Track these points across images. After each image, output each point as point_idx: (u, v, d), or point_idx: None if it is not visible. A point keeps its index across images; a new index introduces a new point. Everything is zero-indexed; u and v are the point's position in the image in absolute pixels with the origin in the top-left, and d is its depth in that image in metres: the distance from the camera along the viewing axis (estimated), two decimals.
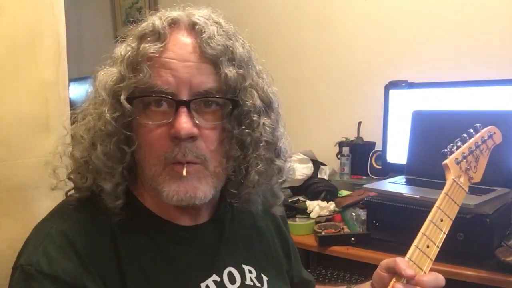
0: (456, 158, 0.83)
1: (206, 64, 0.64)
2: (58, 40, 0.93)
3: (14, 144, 0.84)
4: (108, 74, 0.65)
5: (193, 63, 0.63)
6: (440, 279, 0.66)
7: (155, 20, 0.65)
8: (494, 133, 0.91)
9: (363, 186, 1.48)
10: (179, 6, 0.69)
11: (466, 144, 0.87)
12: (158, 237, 0.69)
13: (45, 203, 0.83)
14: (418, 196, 1.26)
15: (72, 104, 1.01)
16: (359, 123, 1.90)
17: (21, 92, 0.85)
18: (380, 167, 1.78)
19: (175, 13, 0.66)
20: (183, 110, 0.62)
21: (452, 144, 0.86)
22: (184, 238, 0.71)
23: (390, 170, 1.68)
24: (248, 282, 0.74)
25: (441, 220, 0.75)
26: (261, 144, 0.67)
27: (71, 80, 1.01)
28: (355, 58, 2.01)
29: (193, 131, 0.62)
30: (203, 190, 0.65)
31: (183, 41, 0.64)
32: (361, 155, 1.85)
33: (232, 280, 0.72)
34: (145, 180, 0.67)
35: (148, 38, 0.64)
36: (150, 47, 0.62)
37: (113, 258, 0.64)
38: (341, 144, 1.89)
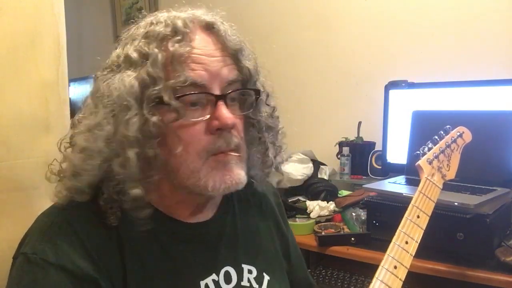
0: (428, 158, 0.88)
1: (228, 57, 0.68)
2: (58, 40, 0.93)
3: (14, 144, 0.84)
4: (127, 79, 0.63)
5: (218, 58, 0.66)
6: None
7: (176, 21, 0.65)
8: (463, 132, 0.96)
9: (363, 186, 1.47)
10: (179, 7, 0.70)
11: (437, 145, 0.91)
12: (161, 234, 0.68)
13: (45, 203, 0.82)
14: None
15: (72, 104, 1.01)
16: (359, 123, 1.90)
17: (21, 92, 0.85)
18: (380, 167, 1.78)
19: (184, 15, 0.68)
20: (222, 103, 0.65)
21: (423, 146, 0.90)
22: (187, 235, 0.71)
23: (390, 170, 1.68)
24: (244, 283, 0.74)
25: (418, 217, 0.78)
26: (275, 128, 0.76)
27: (71, 80, 1.01)
28: (355, 58, 2.01)
29: (235, 120, 0.66)
30: (244, 176, 0.68)
31: (206, 39, 0.67)
32: (361, 155, 1.85)
33: (228, 280, 0.72)
34: (175, 179, 0.66)
35: (174, 38, 0.64)
36: (181, 47, 0.63)
37: (116, 251, 0.64)
38: (341, 144, 1.89)
